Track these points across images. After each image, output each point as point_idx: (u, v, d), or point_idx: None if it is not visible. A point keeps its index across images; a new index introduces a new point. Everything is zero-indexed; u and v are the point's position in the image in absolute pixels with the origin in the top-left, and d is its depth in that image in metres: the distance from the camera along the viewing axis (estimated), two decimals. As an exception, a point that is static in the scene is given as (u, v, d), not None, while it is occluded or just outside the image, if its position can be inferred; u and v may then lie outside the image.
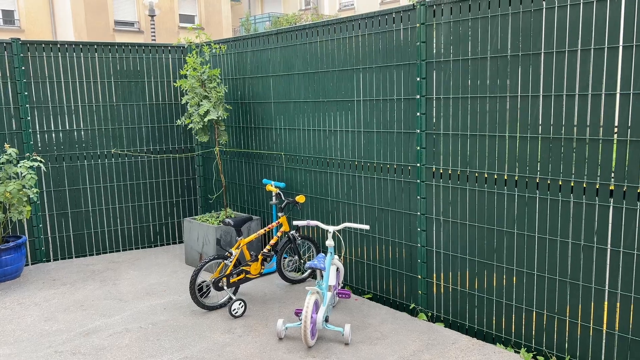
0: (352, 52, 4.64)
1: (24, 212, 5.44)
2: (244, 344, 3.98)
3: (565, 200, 3.43)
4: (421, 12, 4.04)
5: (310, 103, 5.11)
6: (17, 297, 5.07)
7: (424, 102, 4.14)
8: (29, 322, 4.49)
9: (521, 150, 3.61)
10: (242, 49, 5.83)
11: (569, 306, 3.50)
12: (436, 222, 4.20)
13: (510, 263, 3.78)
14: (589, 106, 3.25)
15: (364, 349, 3.87)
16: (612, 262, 3.27)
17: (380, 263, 4.71)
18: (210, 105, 5.37)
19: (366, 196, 4.74)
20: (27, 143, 5.85)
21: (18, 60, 5.76)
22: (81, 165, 6.20)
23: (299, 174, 5.38)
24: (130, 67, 6.34)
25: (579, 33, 3.24)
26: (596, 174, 3.27)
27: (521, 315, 3.76)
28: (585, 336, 3.45)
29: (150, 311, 4.64)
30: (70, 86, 6.07)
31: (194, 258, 5.81)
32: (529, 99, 3.52)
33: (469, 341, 3.97)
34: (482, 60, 3.74)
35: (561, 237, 3.48)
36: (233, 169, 6.27)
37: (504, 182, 3.74)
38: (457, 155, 3.99)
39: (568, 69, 3.32)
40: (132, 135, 6.42)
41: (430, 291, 4.33)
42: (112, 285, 5.33)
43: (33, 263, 6.04)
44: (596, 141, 3.24)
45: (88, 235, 6.31)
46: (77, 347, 4.02)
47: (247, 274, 4.71)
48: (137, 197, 6.53)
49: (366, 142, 4.65)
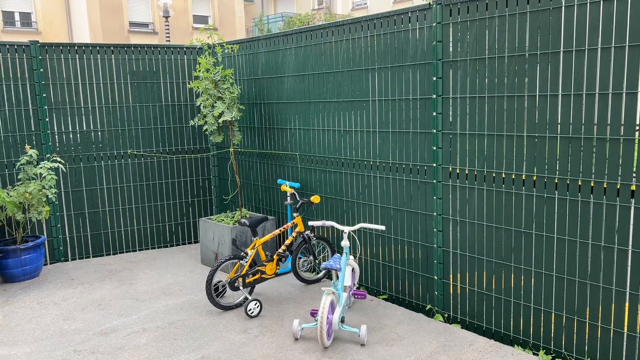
0: (367, 52, 4.62)
1: (43, 213, 5.52)
2: (260, 344, 3.99)
3: (585, 200, 3.39)
4: (437, 12, 4.01)
5: (325, 103, 5.11)
6: (37, 296, 5.14)
7: (440, 102, 4.11)
8: (48, 321, 4.55)
9: (540, 150, 3.57)
10: (256, 50, 5.84)
11: (589, 308, 3.45)
12: (452, 223, 4.17)
13: (528, 264, 3.74)
14: (610, 105, 3.20)
15: (380, 350, 3.85)
16: (633, 264, 3.22)
17: (396, 264, 4.69)
18: (224, 106, 5.39)
19: (382, 196, 4.72)
20: (45, 144, 5.93)
21: (36, 63, 5.83)
22: (98, 165, 6.26)
23: (313, 174, 5.38)
24: (145, 68, 6.39)
25: (599, 31, 3.19)
26: (617, 173, 3.22)
27: (539, 317, 3.72)
28: (605, 338, 3.40)
29: (167, 311, 4.68)
30: (87, 87, 6.14)
31: (210, 258, 5.84)
32: (547, 98, 3.48)
33: (486, 343, 3.93)
34: (499, 59, 3.71)
35: (581, 238, 3.44)
36: (248, 169, 6.29)
37: (522, 182, 3.70)
38: (474, 155, 3.96)
39: (588, 68, 3.27)
40: (148, 136, 6.47)
41: (447, 292, 4.30)
42: (129, 284, 5.38)
43: (52, 262, 6.12)
44: (617, 140, 3.19)
45: (105, 235, 6.38)
46: (96, 346, 4.06)
47: (262, 274, 4.72)
48: (153, 198, 6.58)
49: (382, 142, 4.64)
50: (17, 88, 5.79)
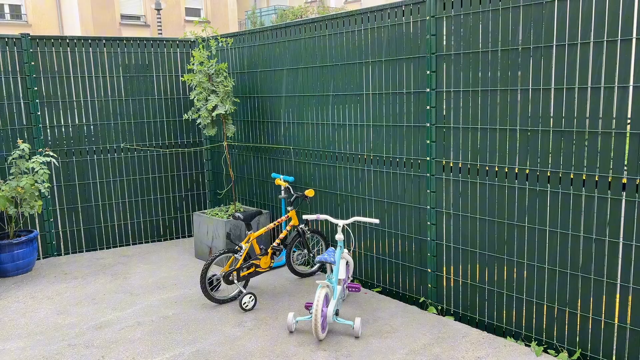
0: (361, 46, 4.62)
1: (36, 207, 5.49)
2: (255, 337, 4.01)
3: (577, 193, 3.42)
4: (431, 5, 4.02)
5: (319, 97, 5.10)
6: (30, 290, 5.13)
7: (434, 96, 4.13)
8: (42, 315, 4.54)
9: (532, 143, 3.59)
10: (250, 43, 5.82)
11: (580, 299, 3.49)
12: (446, 216, 4.20)
13: (520, 256, 3.77)
14: (602, 99, 3.22)
15: (374, 343, 3.88)
16: (624, 255, 3.26)
17: (390, 257, 4.71)
18: (218, 100, 5.37)
19: (376, 190, 4.73)
20: (37, 138, 5.89)
21: (28, 56, 5.78)
22: (91, 159, 6.23)
23: (308, 168, 5.38)
24: (138, 61, 6.35)
25: (591, 25, 3.21)
26: (609, 167, 3.25)
27: (532, 308, 3.76)
28: (596, 329, 3.44)
29: (161, 305, 4.68)
30: (79, 81, 6.09)
31: (204, 252, 5.84)
32: (540, 92, 3.50)
33: (479, 334, 3.97)
34: (493, 53, 3.72)
35: (573, 231, 3.47)
36: (242, 163, 6.29)
37: (514, 176, 3.72)
38: (467, 149, 3.98)
39: (580, 62, 3.29)
40: (141, 130, 6.45)
41: (440, 285, 4.33)
42: (122, 279, 5.37)
43: (44, 257, 6.10)
44: (608, 134, 3.22)
45: (98, 230, 6.36)
46: (90, 340, 4.06)
47: (257, 268, 4.73)
48: (147, 192, 6.56)
49: (376, 136, 4.65)
50: (8, 81, 5.74)
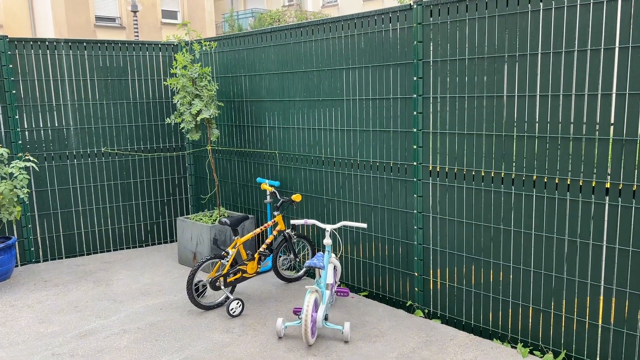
0: (347, 51, 4.65)
1: (14, 213, 5.35)
2: (244, 344, 3.99)
3: (562, 198, 3.50)
4: (418, 12, 4.07)
5: (305, 102, 5.11)
6: (9, 299, 4.99)
7: (420, 102, 4.18)
8: (23, 324, 4.43)
9: (518, 148, 3.67)
10: (234, 47, 5.80)
11: (565, 302, 3.58)
12: (433, 220, 4.25)
13: (506, 260, 3.84)
14: (585, 105, 3.32)
15: (363, 347, 3.90)
16: (607, 259, 3.35)
17: (377, 261, 4.74)
18: (202, 104, 5.33)
19: (362, 195, 4.76)
20: (15, 142, 5.75)
21: (5, 58, 5.65)
22: (70, 164, 6.11)
23: (294, 173, 5.38)
24: (119, 64, 6.26)
25: (575, 34, 3.30)
26: (592, 172, 3.34)
27: (517, 311, 3.83)
28: (581, 330, 3.53)
29: (147, 312, 4.61)
30: (59, 84, 5.98)
31: (187, 257, 5.78)
32: (526, 98, 3.58)
33: (467, 337, 4.03)
34: (479, 59, 3.79)
35: (557, 234, 3.56)
36: (226, 168, 6.25)
37: (500, 180, 3.80)
38: (453, 154, 4.04)
39: (565, 70, 3.38)
40: (122, 134, 6.35)
41: (427, 288, 4.38)
42: (105, 285, 5.28)
43: (22, 264, 5.95)
44: (592, 140, 3.31)
45: (78, 235, 6.23)
46: (75, 349, 3.98)
47: (244, 273, 4.71)
48: (128, 197, 6.46)
49: (363, 141, 4.68)
50: (-15, 84, 5.59)
